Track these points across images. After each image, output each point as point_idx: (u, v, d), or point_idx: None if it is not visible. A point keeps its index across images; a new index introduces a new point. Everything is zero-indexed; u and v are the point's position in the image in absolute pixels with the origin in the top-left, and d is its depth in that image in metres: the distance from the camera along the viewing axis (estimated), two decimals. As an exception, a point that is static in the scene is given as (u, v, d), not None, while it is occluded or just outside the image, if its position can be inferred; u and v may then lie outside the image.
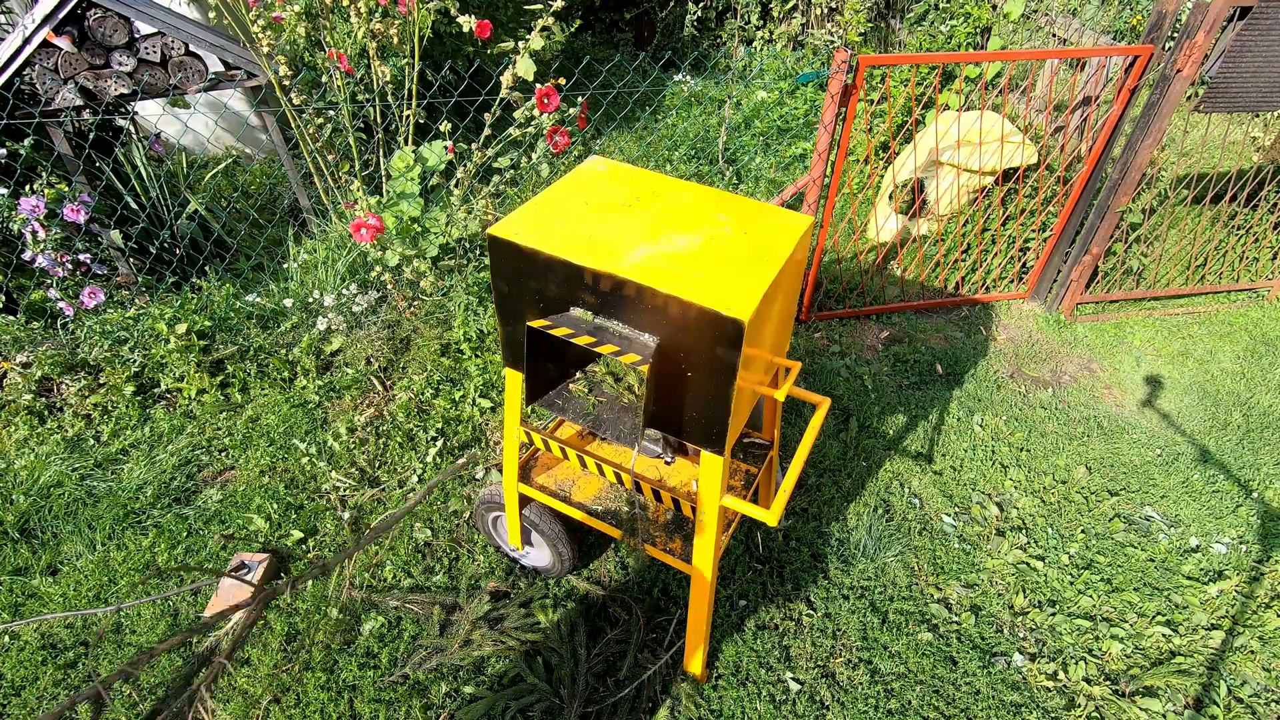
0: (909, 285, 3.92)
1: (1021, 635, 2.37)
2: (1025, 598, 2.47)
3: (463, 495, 2.67)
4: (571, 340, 1.46)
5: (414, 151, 3.12)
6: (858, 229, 4.02)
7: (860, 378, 3.30)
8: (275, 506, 2.61)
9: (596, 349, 1.43)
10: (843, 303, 3.77)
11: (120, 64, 3.03)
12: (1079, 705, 2.18)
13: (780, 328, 1.70)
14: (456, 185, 3.23)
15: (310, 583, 2.38)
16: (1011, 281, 4.01)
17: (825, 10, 6.03)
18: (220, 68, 3.28)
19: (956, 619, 2.39)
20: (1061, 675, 2.26)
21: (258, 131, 4.69)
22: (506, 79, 2.86)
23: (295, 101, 2.97)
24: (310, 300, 3.28)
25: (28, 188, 3.06)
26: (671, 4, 6.55)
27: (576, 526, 2.27)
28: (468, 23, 2.80)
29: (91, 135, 3.12)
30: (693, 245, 1.48)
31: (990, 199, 4.04)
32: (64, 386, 2.97)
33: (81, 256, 3.16)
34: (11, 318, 3.09)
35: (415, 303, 3.32)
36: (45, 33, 2.84)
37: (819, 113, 5.07)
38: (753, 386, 1.62)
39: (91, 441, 2.85)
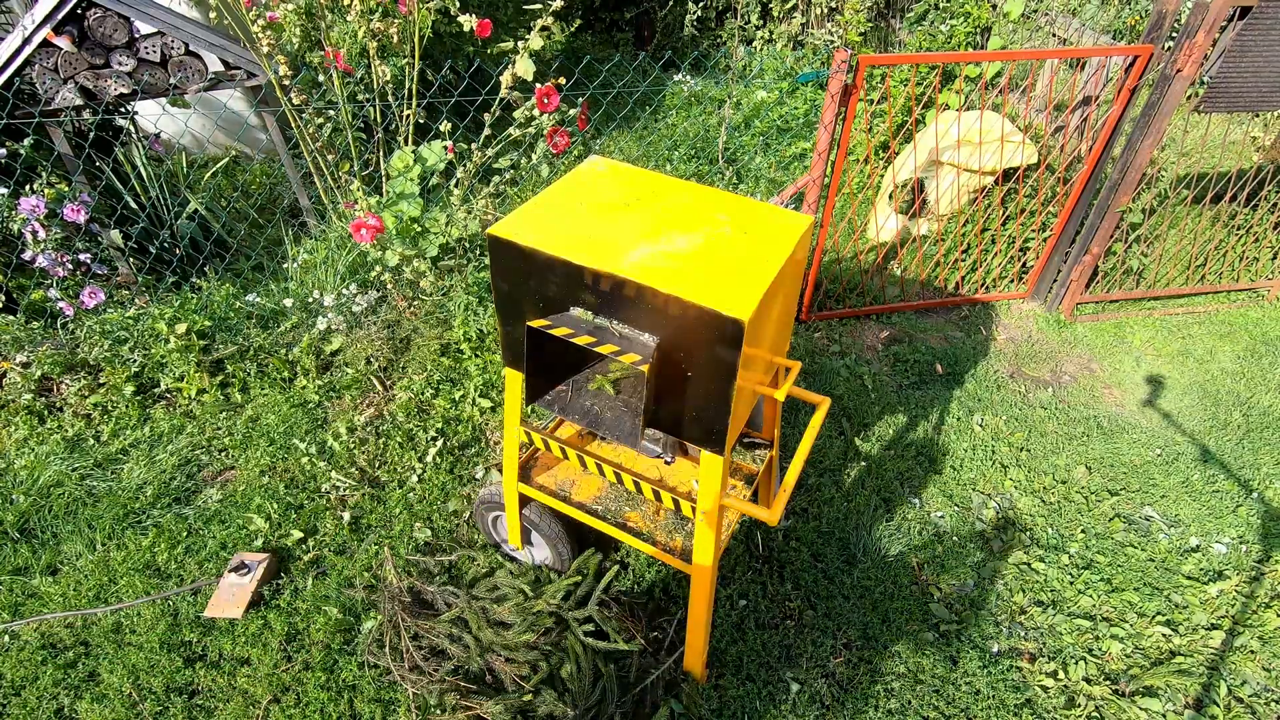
0: (909, 285, 3.92)
1: (1022, 635, 2.37)
2: (1025, 597, 2.47)
3: (462, 495, 2.67)
4: (571, 340, 1.46)
5: (414, 151, 3.13)
6: (858, 229, 4.02)
7: (860, 378, 3.30)
8: (275, 506, 2.61)
9: (596, 349, 1.43)
10: (843, 303, 3.77)
11: (120, 64, 3.03)
12: (1079, 705, 2.18)
13: (780, 328, 1.70)
14: (456, 185, 3.23)
15: (310, 581, 2.38)
16: (1011, 281, 4.01)
17: (825, 10, 6.03)
18: (220, 67, 3.28)
19: (956, 619, 2.39)
20: (1061, 675, 2.26)
21: (257, 131, 4.69)
22: (506, 79, 2.86)
23: (295, 101, 2.97)
24: (310, 300, 3.28)
25: (28, 188, 3.06)
26: (671, 4, 6.55)
27: (576, 526, 2.27)
28: (469, 22, 2.80)
29: (91, 135, 3.12)
30: (693, 245, 1.48)
31: (990, 199, 4.04)
32: (64, 386, 2.97)
33: (81, 256, 3.16)
34: (11, 318, 3.09)
35: (415, 303, 3.33)
36: (45, 32, 2.84)
37: (819, 112, 5.07)
38: (753, 386, 1.62)
39: (91, 441, 2.85)
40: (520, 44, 2.82)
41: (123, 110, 3.35)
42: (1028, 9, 4.52)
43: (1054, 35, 4.33)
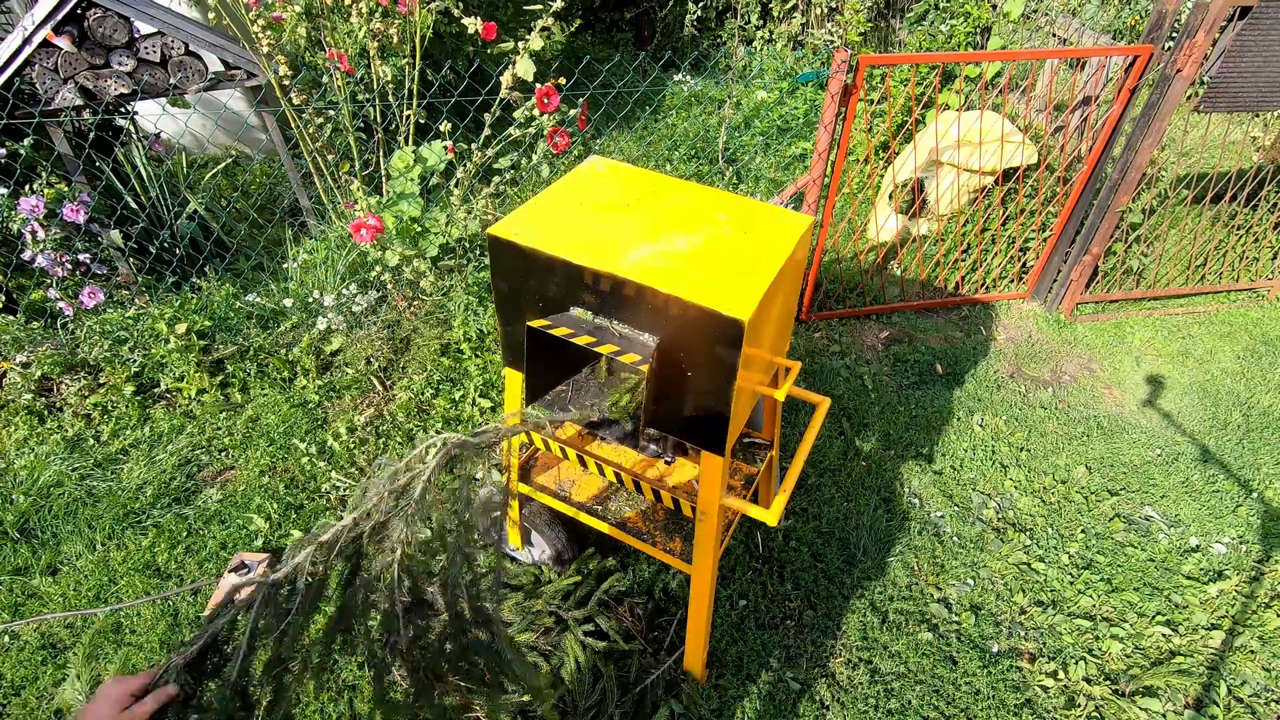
0: (909, 285, 3.92)
1: (1022, 635, 2.37)
2: (1025, 597, 2.47)
3: (463, 495, 2.67)
4: (571, 340, 1.46)
5: (414, 151, 3.13)
6: (858, 229, 4.02)
7: (860, 378, 3.30)
8: (275, 506, 2.61)
9: (596, 349, 1.43)
10: (843, 303, 3.77)
11: (120, 64, 3.03)
12: (1079, 705, 2.18)
13: (780, 328, 1.70)
14: (456, 185, 3.23)
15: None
16: (1011, 281, 4.01)
17: (825, 10, 6.03)
18: (220, 67, 3.28)
19: (956, 619, 2.39)
20: (1061, 675, 2.26)
21: (257, 131, 4.69)
22: (506, 79, 2.86)
23: (295, 101, 2.97)
24: (310, 300, 3.28)
25: (28, 188, 3.06)
26: (671, 4, 6.54)
27: (576, 526, 2.27)
28: (474, 25, 2.80)
29: (91, 135, 3.12)
30: (693, 245, 1.48)
31: (990, 199, 4.04)
32: (64, 386, 2.97)
33: (81, 256, 3.16)
34: (11, 318, 3.09)
35: (415, 303, 3.33)
36: (45, 33, 2.84)
37: (819, 113, 5.07)
38: (753, 386, 1.62)
39: (91, 441, 2.85)
40: (520, 44, 2.82)
41: (123, 110, 3.35)
42: (1028, 9, 4.52)
43: (1054, 35, 4.33)
